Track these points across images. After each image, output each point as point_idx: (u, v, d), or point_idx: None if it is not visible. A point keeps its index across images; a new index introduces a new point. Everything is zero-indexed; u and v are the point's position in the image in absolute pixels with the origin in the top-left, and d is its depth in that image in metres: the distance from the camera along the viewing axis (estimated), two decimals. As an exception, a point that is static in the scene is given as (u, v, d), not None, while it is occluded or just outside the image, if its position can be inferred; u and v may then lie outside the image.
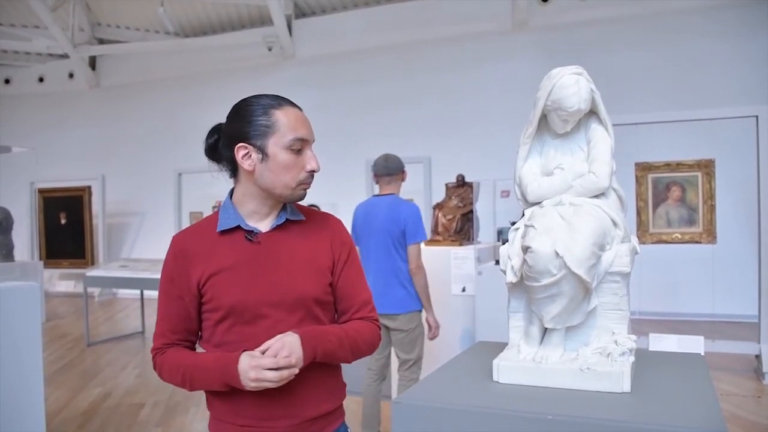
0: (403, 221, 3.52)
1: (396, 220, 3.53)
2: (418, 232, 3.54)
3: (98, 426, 4.42)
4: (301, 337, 1.42)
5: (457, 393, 1.34)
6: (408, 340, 3.61)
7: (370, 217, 3.64)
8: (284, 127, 1.47)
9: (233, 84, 10.69)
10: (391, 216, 3.55)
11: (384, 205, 3.62)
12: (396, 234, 3.54)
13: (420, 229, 3.56)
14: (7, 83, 13.35)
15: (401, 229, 3.52)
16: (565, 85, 1.43)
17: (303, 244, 1.56)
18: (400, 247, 3.56)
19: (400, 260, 3.56)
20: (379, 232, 3.57)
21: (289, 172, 1.48)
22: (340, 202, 9.40)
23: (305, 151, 1.50)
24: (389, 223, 3.54)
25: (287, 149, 1.47)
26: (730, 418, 4.22)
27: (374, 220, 3.61)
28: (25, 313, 3.09)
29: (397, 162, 3.73)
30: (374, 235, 3.59)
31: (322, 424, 1.55)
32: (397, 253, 3.56)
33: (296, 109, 1.52)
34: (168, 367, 1.52)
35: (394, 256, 3.56)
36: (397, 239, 3.54)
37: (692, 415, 1.14)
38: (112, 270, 7.53)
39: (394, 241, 3.55)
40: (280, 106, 1.50)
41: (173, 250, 1.55)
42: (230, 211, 1.54)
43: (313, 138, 1.53)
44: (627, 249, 1.38)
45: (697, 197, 6.33)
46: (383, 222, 3.56)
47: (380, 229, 3.57)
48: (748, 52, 8.08)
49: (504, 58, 9.57)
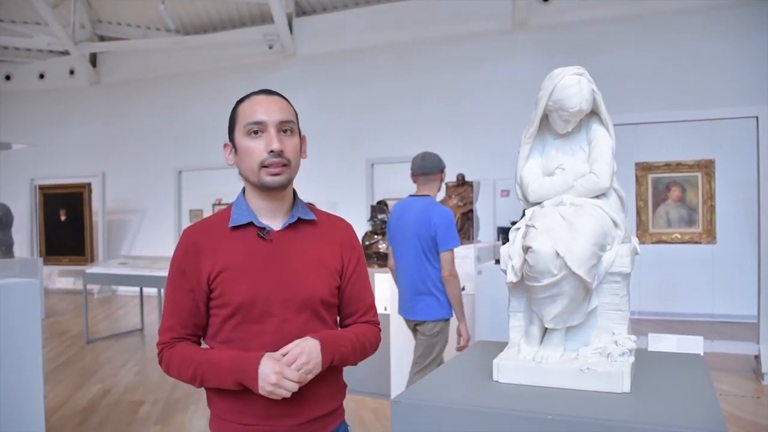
0: (433, 227, 3.38)
1: (427, 225, 3.41)
2: (450, 239, 3.39)
3: (97, 423, 4.42)
4: (321, 343, 1.43)
5: (456, 392, 1.34)
6: (426, 345, 3.50)
7: (403, 219, 3.54)
8: (242, 115, 1.50)
9: (233, 82, 10.69)
10: (421, 220, 3.43)
11: (417, 207, 3.50)
12: (426, 239, 3.42)
13: (452, 236, 3.40)
14: (7, 80, 13.34)
15: (432, 235, 3.40)
16: (567, 86, 1.43)
17: (314, 246, 1.56)
18: (430, 253, 3.43)
19: (430, 266, 3.44)
20: (409, 236, 3.47)
21: (251, 155, 1.48)
22: (340, 200, 9.42)
23: (266, 133, 1.47)
24: (420, 228, 3.42)
25: (246, 135, 1.48)
26: (730, 418, 4.23)
27: (405, 222, 3.51)
28: (25, 310, 3.09)
29: (435, 161, 3.58)
30: (405, 238, 3.49)
31: (323, 423, 1.56)
32: (426, 259, 3.44)
33: (262, 96, 1.51)
34: (178, 363, 1.49)
35: (423, 261, 3.44)
36: (427, 244, 3.42)
37: (692, 415, 1.14)
38: (112, 267, 7.53)
39: (424, 246, 3.43)
40: (248, 98, 1.52)
41: (184, 244, 1.53)
42: (243, 207, 1.54)
43: (276, 119, 1.48)
44: (627, 249, 1.38)
45: (697, 197, 6.34)
46: (414, 225, 3.45)
47: (411, 232, 3.46)
48: (748, 52, 8.08)
49: (504, 57, 9.57)
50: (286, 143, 1.48)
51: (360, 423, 4.28)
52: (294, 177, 1.55)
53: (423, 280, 3.46)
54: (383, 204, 5.66)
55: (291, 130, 1.51)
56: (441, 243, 3.38)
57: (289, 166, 1.49)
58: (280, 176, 1.48)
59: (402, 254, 3.55)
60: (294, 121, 1.53)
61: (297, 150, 1.53)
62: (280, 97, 1.54)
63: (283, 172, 1.48)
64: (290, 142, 1.50)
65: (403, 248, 3.53)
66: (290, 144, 1.50)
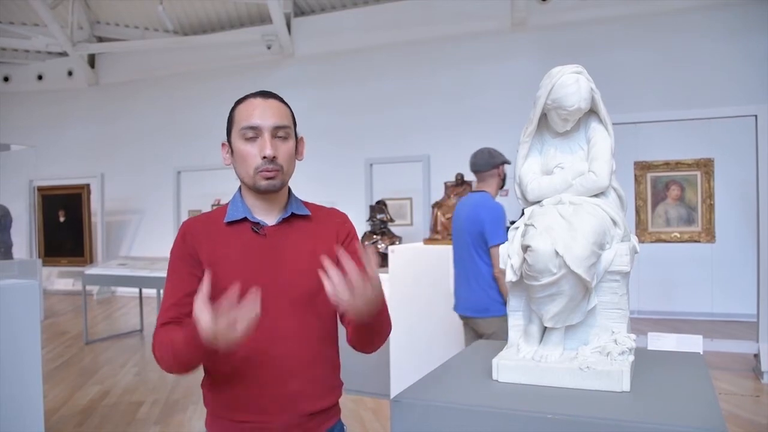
0: (480, 222, 3.38)
1: (475, 220, 3.42)
2: (498, 234, 3.32)
3: (96, 424, 4.42)
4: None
5: (456, 391, 1.33)
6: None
7: (458, 216, 3.57)
8: (238, 117, 1.51)
9: (232, 82, 10.69)
10: (471, 216, 3.45)
11: (470, 203, 3.53)
12: (475, 235, 3.41)
13: (499, 231, 3.34)
14: (6, 81, 13.32)
15: (479, 231, 3.39)
16: (565, 84, 1.43)
17: (308, 239, 1.57)
18: (481, 249, 3.42)
19: (482, 262, 3.43)
20: (461, 232, 3.50)
21: (246, 160, 1.50)
22: (339, 200, 9.39)
23: (261, 138, 1.49)
24: (469, 224, 3.44)
25: (241, 138, 1.50)
26: (729, 417, 4.23)
27: (458, 219, 3.55)
28: (24, 311, 3.09)
29: (486, 158, 3.55)
30: (458, 234, 3.52)
31: (318, 420, 1.55)
32: (477, 255, 3.43)
33: (258, 99, 1.52)
34: (158, 345, 1.45)
35: (474, 257, 3.44)
36: (476, 240, 3.41)
37: (692, 414, 1.14)
38: (111, 268, 7.53)
39: (474, 242, 3.43)
40: (244, 100, 1.53)
41: (183, 232, 1.56)
42: (238, 204, 1.57)
43: (270, 124, 1.48)
44: (627, 248, 1.38)
45: (696, 196, 6.33)
46: (464, 221, 3.48)
47: (462, 228, 3.49)
48: (748, 51, 8.08)
49: (503, 57, 9.56)
50: (279, 149, 1.50)
51: (359, 422, 4.28)
52: (288, 180, 1.57)
53: (475, 277, 3.45)
54: (382, 204, 5.66)
55: (286, 135, 1.52)
56: (489, 238, 3.37)
57: (282, 171, 1.51)
58: (273, 180, 1.50)
59: (456, 250, 3.58)
60: (289, 125, 1.54)
61: (291, 155, 1.54)
62: (278, 100, 1.54)
63: (277, 176, 1.50)
64: (284, 148, 1.51)
65: (457, 244, 3.57)
66: (284, 149, 1.51)
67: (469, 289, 3.47)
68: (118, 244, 12.03)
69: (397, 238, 5.49)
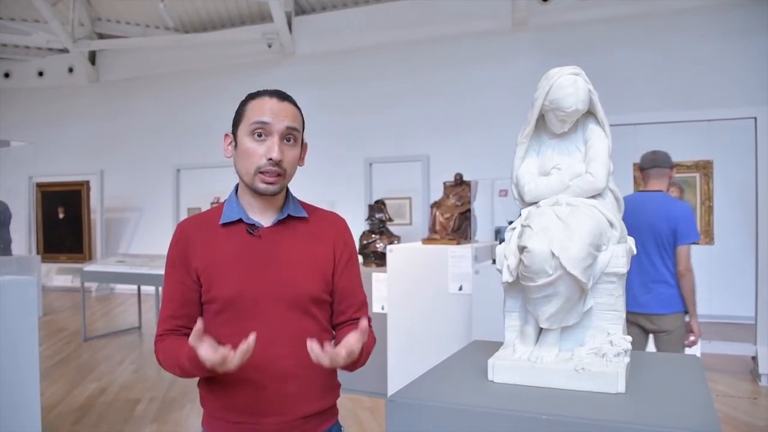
0: (674, 220, 3.40)
1: (667, 218, 3.42)
2: (691, 233, 3.41)
3: (94, 421, 4.42)
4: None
5: (451, 392, 1.34)
6: (673, 342, 3.46)
7: (636, 213, 3.44)
8: (250, 113, 1.49)
9: (232, 80, 10.70)
10: (661, 213, 3.44)
11: (654, 201, 3.51)
12: (665, 232, 3.43)
13: (693, 230, 3.44)
14: (6, 77, 13.32)
15: (672, 228, 3.41)
16: (563, 86, 1.43)
17: (305, 242, 1.56)
18: (668, 246, 3.44)
19: (667, 258, 3.45)
20: (645, 229, 3.44)
21: (250, 158, 1.48)
22: (339, 199, 9.41)
23: (270, 139, 1.47)
24: (659, 221, 3.43)
25: (249, 135, 1.48)
26: (726, 419, 4.24)
27: (642, 216, 3.46)
28: (22, 308, 3.09)
29: (665, 157, 3.62)
30: (640, 231, 3.41)
31: (315, 422, 1.55)
32: (664, 251, 3.45)
33: (274, 99, 1.49)
34: (162, 356, 1.51)
35: (660, 254, 3.46)
36: (665, 237, 3.43)
37: (687, 416, 1.14)
38: (110, 265, 7.54)
39: (662, 239, 3.44)
40: (258, 96, 1.51)
41: (176, 237, 1.56)
42: (233, 205, 1.55)
43: (282, 126, 1.47)
44: (623, 250, 1.38)
45: (696, 198, 6.34)
46: (652, 219, 3.45)
47: (647, 225, 3.45)
48: (748, 52, 8.08)
49: (503, 57, 9.56)
50: (286, 153, 1.48)
51: (356, 422, 4.28)
52: (287, 185, 1.55)
53: (660, 273, 3.46)
54: (381, 203, 5.65)
55: (294, 139, 1.51)
56: (681, 236, 3.41)
57: (284, 176, 1.50)
58: (273, 185, 1.48)
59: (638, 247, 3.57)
60: (299, 129, 1.52)
61: (295, 160, 1.53)
62: (291, 103, 1.52)
63: (278, 181, 1.49)
64: (290, 153, 1.50)
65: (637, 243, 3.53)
66: (290, 154, 1.50)
67: (654, 285, 3.48)
68: (117, 241, 12.03)
69: (395, 237, 5.48)
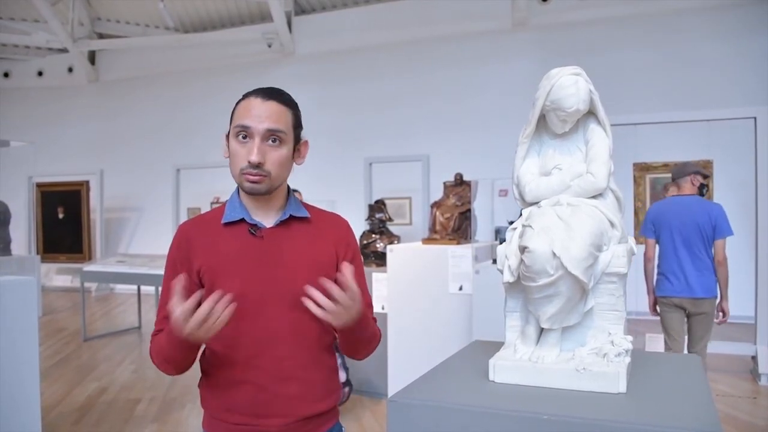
0: (714, 218, 4.18)
1: (708, 216, 4.20)
2: (727, 228, 4.19)
3: (94, 421, 4.42)
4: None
5: (452, 392, 1.33)
6: (707, 322, 4.26)
7: (678, 213, 4.28)
8: (236, 115, 1.49)
9: (232, 80, 10.68)
10: (703, 213, 4.22)
11: (693, 203, 4.29)
12: (707, 228, 4.20)
13: (728, 226, 4.20)
14: (6, 77, 13.32)
15: (712, 225, 4.18)
16: (564, 86, 1.43)
17: (307, 243, 1.55)
18: (709, 239, 4.21)
19: (709, 249, 4.24)
20: (690, 225, 4.23)
21: (234, 160, 1.49)
22: (339, 199, 9.41)
23: (251, 140, 1.46)
24: (702, 219, 4.20)
25: (235, 137, 1.48)
26: (726, 419, 4.24)
27: (687, 215, 4.25)
28: (22, 308, 3.09)
29: (693, 165, 4.45)
30: (685, 227, 4.24)
31: (316, 423, 1.55)
32: (703, 245, 4.22)
33: (258, 99, 1.47)
34: (154, 352, 1.51)
35: (701, 247, 4.23)
36: (706, 232, 4.20)
37: (687, 416, 1.14)
38: (110, 265, 7.53)
39: (702, 234, 4.21)
40: (245, 97, 1.50)
41: (178, 238, 1.56)
42: (236, 205, 1.54)
43: (262, 128, 1.44)
44: (624, 250, 1.38)
45: (695, 198, 6.33)
46: (696, 216, 4.22)
47: (693, 223, 4.22)
48: (748, 52, 8.09)
49: (503, 57, 9.56)
50: (268, 154, 1.46)
51: (357, 422, 4.28)
52: (278, 185, 1.52)
53: (703, 262, 4.23)
54: (381, 203, 5.65)
55: (279, 140, 1.47)
56: (720, 231, 4.18)
57: (269, 177, 1.47)
58: (258, 185, 1.47)
59: (679, 242, 4.28)
60: (284, 130, 1.48)
61: (281, 160, 1.48)
62: (278, 101, 1.49)
63: (262, 181, 1.47)
64: (274, 154, 1.47)
65: (681, 237, 4.28)
66: (274, 155, 1.47)
67: (698, 273, 4.23)
68: (117, 241, 12.03)
69: (395, 237, 5.48)
